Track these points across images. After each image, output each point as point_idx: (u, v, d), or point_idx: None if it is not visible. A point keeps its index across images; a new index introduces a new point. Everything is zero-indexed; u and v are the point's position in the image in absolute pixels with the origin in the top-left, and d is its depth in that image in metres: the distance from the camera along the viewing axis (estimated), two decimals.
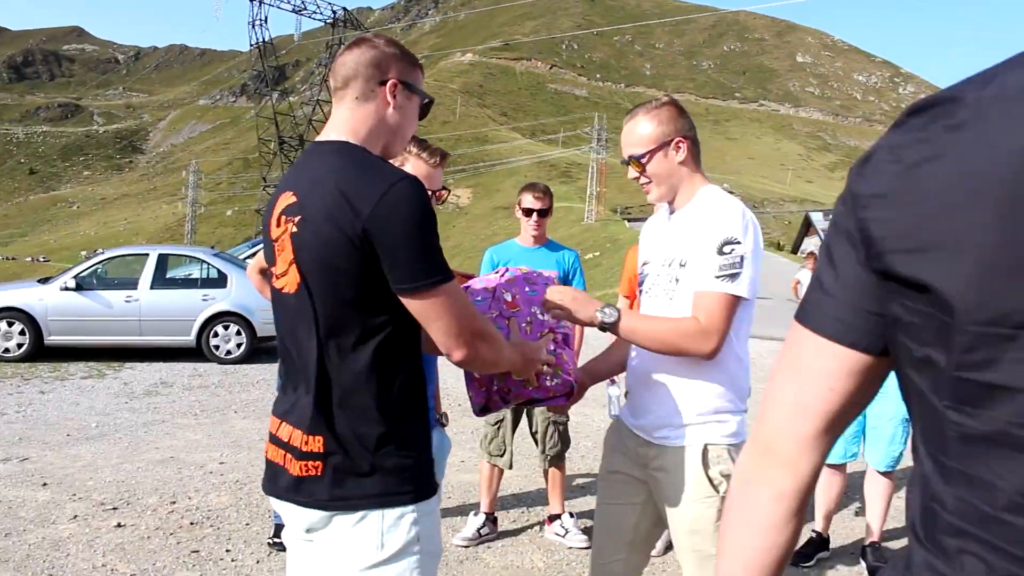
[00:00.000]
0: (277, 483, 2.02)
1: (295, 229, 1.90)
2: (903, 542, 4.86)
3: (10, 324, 11.68)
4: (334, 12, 76.97)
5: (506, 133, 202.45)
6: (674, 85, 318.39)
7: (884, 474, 4.70)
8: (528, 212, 4.92)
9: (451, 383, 7.89)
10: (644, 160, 2.57)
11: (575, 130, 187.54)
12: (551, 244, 5.06)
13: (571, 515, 5.16)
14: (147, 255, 12.57)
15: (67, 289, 11.85)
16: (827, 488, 4.84)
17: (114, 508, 5.40)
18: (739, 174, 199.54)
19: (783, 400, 1.12)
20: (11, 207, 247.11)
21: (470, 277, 2.65)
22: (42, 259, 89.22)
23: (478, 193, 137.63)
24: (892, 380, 4.44)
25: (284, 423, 2.02)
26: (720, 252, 2.39)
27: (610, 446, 2.80)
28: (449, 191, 2.97)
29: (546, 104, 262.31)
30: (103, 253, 12.95)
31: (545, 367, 2.34)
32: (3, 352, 11.61)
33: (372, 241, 1.79)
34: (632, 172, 2.62)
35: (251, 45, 74.04)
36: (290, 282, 1.95)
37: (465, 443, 7.34)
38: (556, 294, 2.44)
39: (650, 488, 2.64)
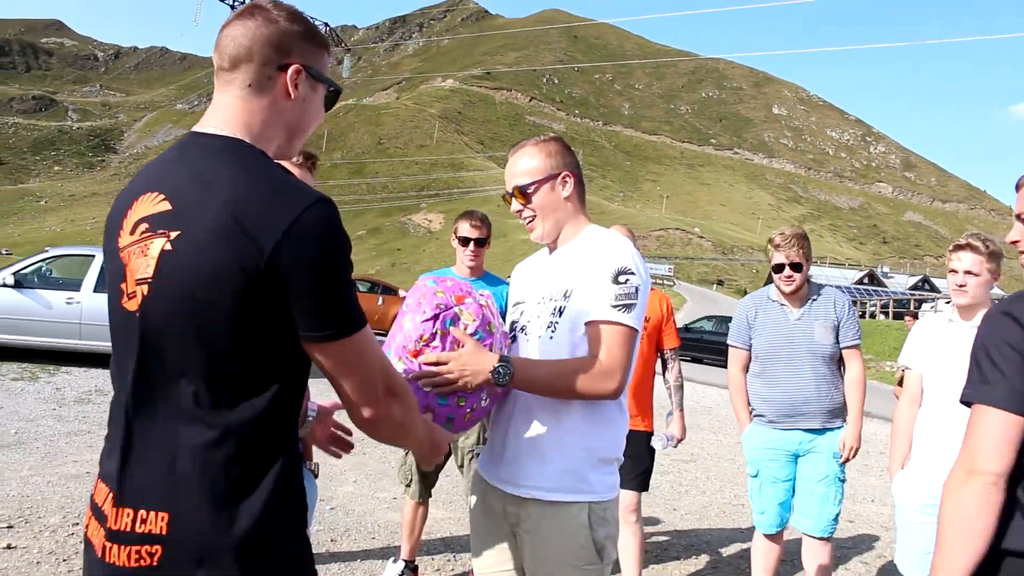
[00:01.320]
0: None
1: (169, 247, 1.52)
2: None
3: None
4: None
5: (482, 161, 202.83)
6: (651, 126, 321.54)
7: (822, 540, 4.36)
8: (465, 241, 4.67)
9: None
10: (531, 191, 2.44)
11: None
12: (488, 277, 4.80)
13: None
14: (93, 256, 12.11)
15: (5, 286, 11.39)
16: (764, 557, 4.53)
17: (8, 526, 4.99)
18: (710, 219, 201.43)
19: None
20: None
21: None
22: (4, 252, 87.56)
23: (450, 219, 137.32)
24: (823, 440, 4.27)
25: (103, 484, 1.63)
26: (615, 281, 2.26)
27: (474, 503, 2.56)
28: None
29: (523, 135, 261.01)
30: (48, 251, 12.49)
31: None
32: None
33: (277, 280, 1.48)
34: (516, 205, 2.49)
35: None
36: (135, 305, 1.57)
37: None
38: (446, 360, 2.16)
39: (519, 549, 2.41)
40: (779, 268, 4.36)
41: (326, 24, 77.88)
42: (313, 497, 2.64)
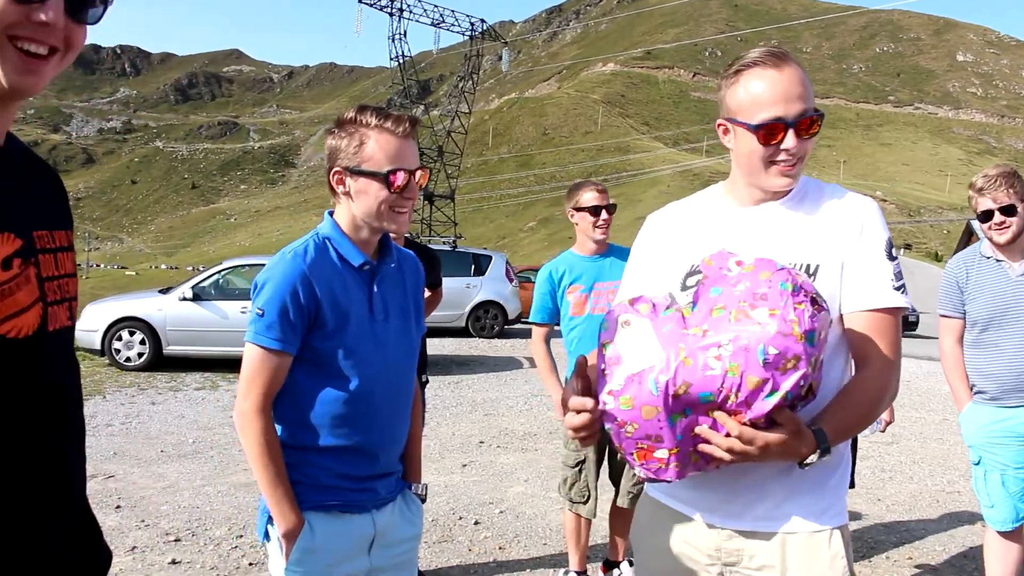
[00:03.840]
0: None
1: None
2: None
3: (132, 333, 11.67)
4: (472, 24, 77.36)
5: (648, 142, 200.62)
6: (822, 90, 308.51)
7: None
8: (595, 210, 4.12)
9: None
10: (819, 122, 1.88)
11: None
12: (615, 249, 4.26)
13: (630, 563, 4.38)
14: (264, 265, 12.25)
15: (185, 299, 11.80)
16: (1000, 560, 3.82)
17: (176, 540, 4.94)
18: (893, 181, 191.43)
19: None
20: (175, 219, 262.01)
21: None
22: (201, 269, 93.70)
23: (620, 203, 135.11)
24: None
25: None
26: (890, 256, 1.87)
27: (650, 547, 2.07)
28: (430, 171, 2.34)
29: (689, 112, 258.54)
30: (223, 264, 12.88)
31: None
32: (125, 361, 11.62)
33: None
34: (791, 139, 1.83)
35: (391, 59, 75.16)
36: None
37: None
38: (748, 445, 1.61)
39: None
40: (987, 215, 3.61)
41: (482, 21, 78.43)
42: (418, 523, 2.45)
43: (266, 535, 2.18)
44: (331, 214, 2.24)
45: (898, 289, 1.84)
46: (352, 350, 2.13)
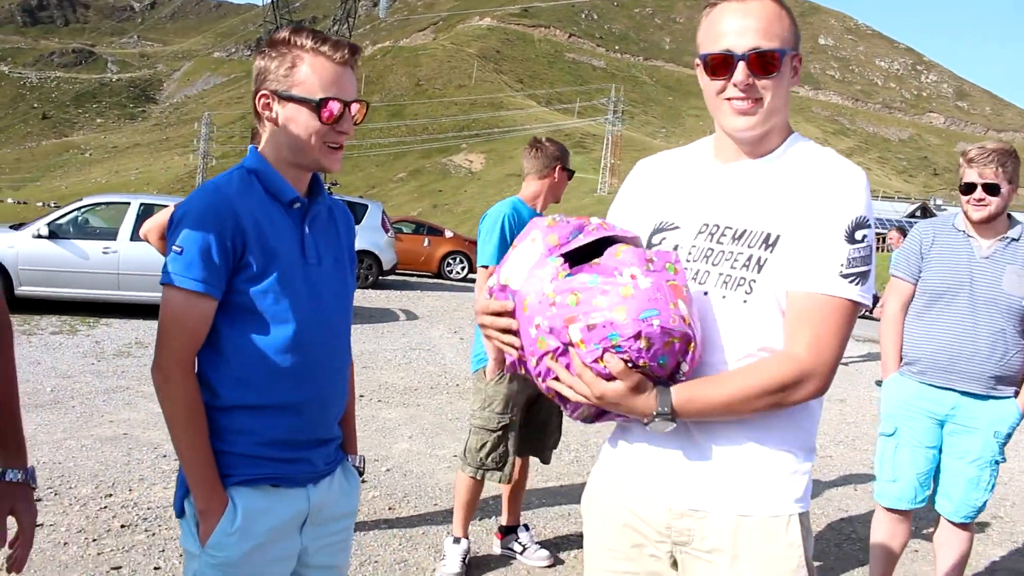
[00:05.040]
0: None
1: None
2: None
3: None
4: None
5: (521, 100, 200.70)
6: (693, 61, 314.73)
7: (961, 526, 3.68)
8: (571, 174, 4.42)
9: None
10: (775, 62, 1.71)
11: (591, 101, 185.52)
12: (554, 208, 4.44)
13: (526, 527, 4.43)
14: (128, 204, 11.64)
15: (40, 237, 10.96)
16: (887, 538, 3.79)
17: (37, 500, 4.53)
18: None
19: None
20: (23, 151, 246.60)
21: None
22: (52, 204, 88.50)
23: (491, 159, 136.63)
24: (982, 411, 3.33)
25: None
26: (852, 238, 1.66)
27: (603, 520, 1.94)
28: (368, 105, 2.08)
29: (563, 73, 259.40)
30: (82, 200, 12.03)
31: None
32: None
33: None
34: (740, 74, 1.71)
35: None
36: None
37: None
38: (591, 388, 1.61)
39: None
40: (969, 188, 3.51)
41: None
42: (355, 498, 2.26)
43: (181, 510, 1.93)
44: (255, 149, 2.01)
45: (849, 277, 1.63)
46: (284, 294, 1.91)
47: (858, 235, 1.65)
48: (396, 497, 5.13)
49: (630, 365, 1.57)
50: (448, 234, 23.94)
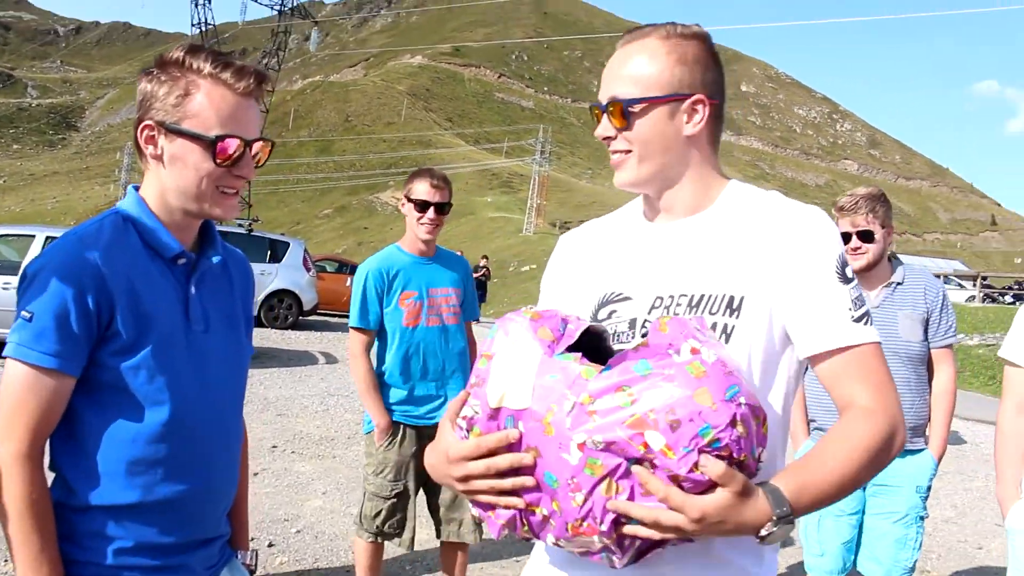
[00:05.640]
0: None
1: None
2: None
3: None
4: (282, 1, 75.23)
5: (450, 138, 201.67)
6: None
7: None
8: (423, 206, 3.80)
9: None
10: (634, 110, 1.55)
11: (519, 141, 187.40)
12: (441, 252, 4.05)
13: None
14: (33, 237, 11.28)
15: None
16: None
17: None
18: None
19: None
20: None
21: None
22: None
23: None
24: (902, 467, 3.38)
25: None
26: (844, 278, 1.48)
27: None
28: (273, 144, 1.81)
29: (492, 113, 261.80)
30: None
31: None
32: None
33: None
34: (604, 127, 1.60)
35: (192, 25, 71.67)
36: None
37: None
38: (678, 513, 1.24)
39: None
40: (846, 238, 3.38)
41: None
42: None
43: None
44: (137, 189, 1.72)
45: (860, 320, 1.46)
46: (161, 369, 1.62)
47: (848, 273, 1.49)
48: (306, 563, 4.94)
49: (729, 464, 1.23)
50: None
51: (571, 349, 1.33)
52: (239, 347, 1.83)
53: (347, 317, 4.14)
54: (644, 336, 1.39)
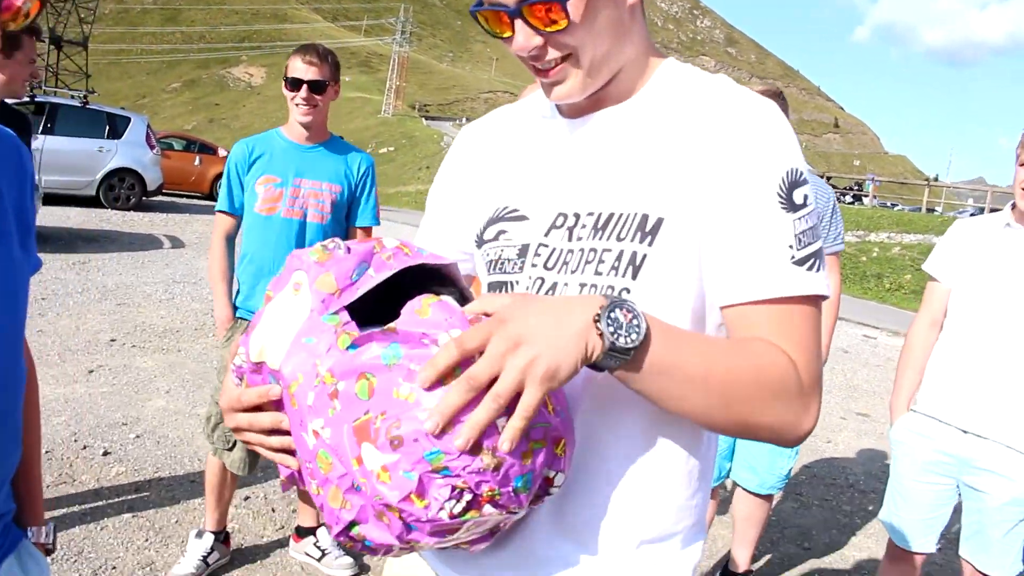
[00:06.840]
0: None
1: None
2: None
3: None
4: None
5: (306, 14, 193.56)
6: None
7: (761, 496, 3.61)
8: (295, 84, 3.30)
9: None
10: (559, 9, 1.05)
11: (379, 19, 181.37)
12: (335, 142, 3.54)
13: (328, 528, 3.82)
14: None
15: None
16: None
17: None
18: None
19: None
20: None
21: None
22: None
23: (272, 74, 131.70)
24: None
25: None
26: (791, 204, 1.07)
27: None
28: (43, 3, 1.13)
29: None
30: None
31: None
32: None
33: None
34: (526, 35, 1.09)
35: None
36: None
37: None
38: (485, 305, 0.97)
39: None
40: None
41: None
42: None
43: None
44: None
45: (803, 263, 1.06)
46: None
47: (797, 196, 1.07)
48: (146, 472, 4.40)
49: (468, 500, 0.90)
50: (222, 152, 22.21)
51: (396, 299, 1.03)
52: (10, 263, 1.23)
53: (194, 198, 3.58)
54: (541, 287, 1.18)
